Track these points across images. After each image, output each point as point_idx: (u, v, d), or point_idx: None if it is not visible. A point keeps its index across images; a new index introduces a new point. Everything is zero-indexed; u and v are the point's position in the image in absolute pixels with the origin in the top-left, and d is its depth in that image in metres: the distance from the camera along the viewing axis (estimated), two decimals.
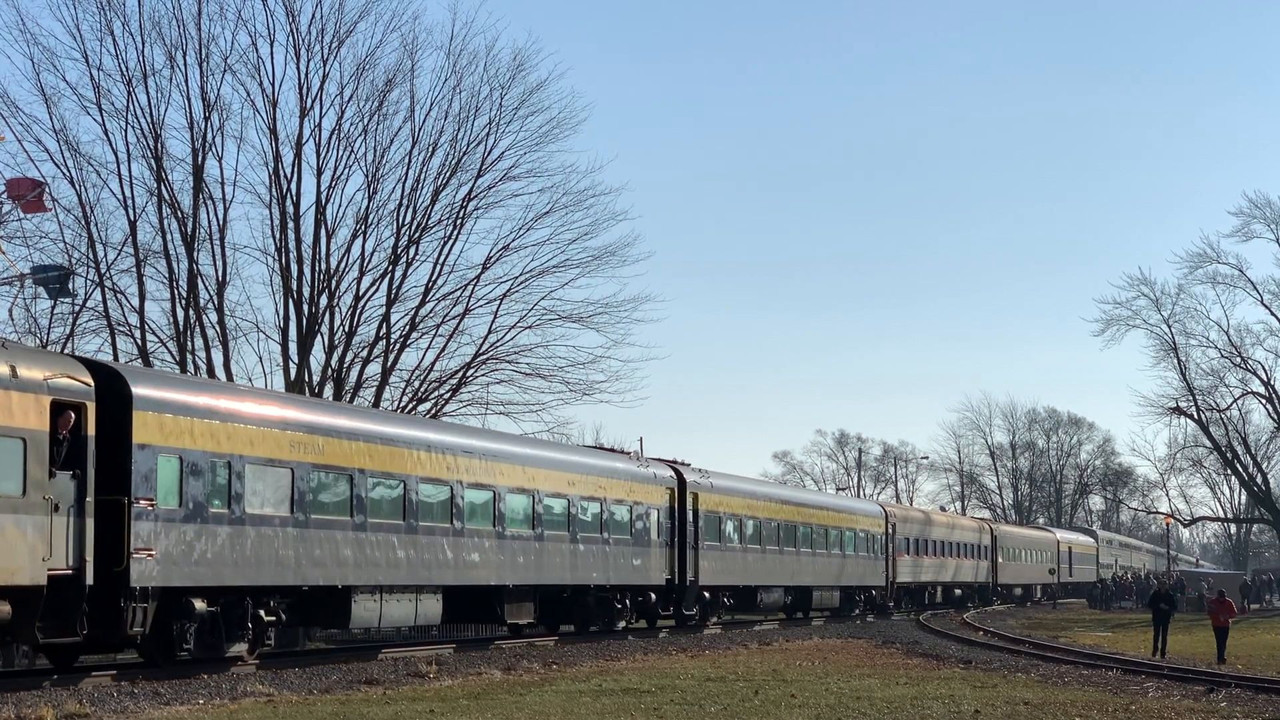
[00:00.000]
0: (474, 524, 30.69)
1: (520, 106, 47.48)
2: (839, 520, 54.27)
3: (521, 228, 48.01)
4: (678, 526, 40.16)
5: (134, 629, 22.28)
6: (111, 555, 21.83)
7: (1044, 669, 29.37)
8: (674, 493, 40.28)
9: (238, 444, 24.27)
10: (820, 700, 21.52)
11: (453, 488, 30.02)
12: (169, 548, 22.70)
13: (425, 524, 29.01)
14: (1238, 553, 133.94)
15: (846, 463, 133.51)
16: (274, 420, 25.36)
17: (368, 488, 27.31)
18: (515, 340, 48.12)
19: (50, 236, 42.07)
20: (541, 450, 35.36)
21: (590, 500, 35.57)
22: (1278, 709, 21.66)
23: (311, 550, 25.79)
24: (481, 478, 31.07)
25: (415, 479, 28.80)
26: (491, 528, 31.35)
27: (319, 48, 45.33)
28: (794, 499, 52.58)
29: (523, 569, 32.59)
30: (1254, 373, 77.56)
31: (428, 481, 29.25)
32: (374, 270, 46.46)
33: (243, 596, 24.60)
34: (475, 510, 30.80)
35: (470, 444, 31.46)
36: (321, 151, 45.56)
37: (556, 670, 26.79)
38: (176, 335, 44.05)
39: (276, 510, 25.09)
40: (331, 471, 26.46)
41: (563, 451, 37.14)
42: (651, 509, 38.76)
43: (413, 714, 19.05)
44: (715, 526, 42.52)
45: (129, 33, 43.27)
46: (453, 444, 30.63)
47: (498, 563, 31.50)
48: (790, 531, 48.80)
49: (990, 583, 77.10)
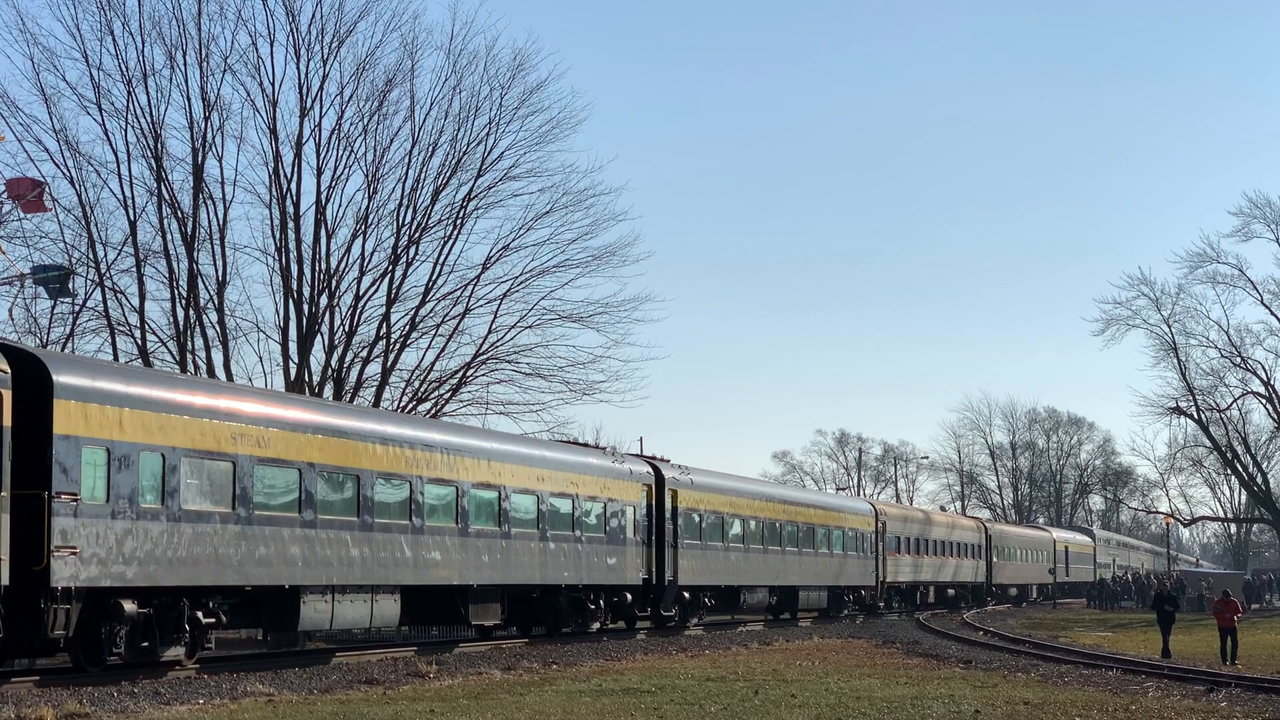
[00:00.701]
0: (435, 521, 29.36)
1: (520, 106, 47.53)
2: (827, 519, 53.00)
3: (521, 228, 48.08)
4: (655, 524, 38.94)
5: (56, 632, 20.95)
6: (31, 553, 20.47)
7: (1044, 669, 29.20)
8: (651, 490, 39.04)
9: (173, 436, 22.86)
10: (820, 700, 21.42)
11: (412, 483, 28.67)
12: (94, 545, 21.31)
13: (381, 521, 27.65)
14: (1238, 553, 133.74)
15: (846, 463, 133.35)
16: (213, 410, 23.96)
17: (318, 483, 25.90)
18: (515, 340, 48.16)
19: (50, 236, 42.30)
20: (508, 445, 33.77)
21: (561, 497, 34.24)
22: (1278, 709, 21.44)
23: (255, 549, 24.39)
24: (443, 473, 29.73)
25: (371, 474, 27.42)
26: (454, 525, 30.03)
27: (319, 47, 45.43)
28: (780, 496, 51.00)
29: (488, 568, 31.23)
30: (1254, 373, 77.42)
31: (385, 477, 27.87)
32: (374, 270, 46.55)
33: (179, 598, 23.17)
34: (436, 507, 29.48)
35: (431, 438, 30.08)
36: (321, 151, 45.63)
37: (556, 670, 26.65)
38: (176, 335, 43.99)
39: (216, 506, 23.67)
40: (277, 465, 25.05)
41: (532, 446, 35.51)
42: (627, 506, 37.42)
43: (413, 714, 18.90)
44: (695, 524, 41.39)
45: (129, 32, 43.38)
46: (411, 437, 29.25)
47: (460, 561, 30.13)
48: (775, 530, 47.58)
49: (986, 582, 76.22)
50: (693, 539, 41.04)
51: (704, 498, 42.07)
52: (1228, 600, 37.52)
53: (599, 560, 35.78)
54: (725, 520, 43.48)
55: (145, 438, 22.29)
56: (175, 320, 43.97)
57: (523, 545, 32.48)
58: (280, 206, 44.93)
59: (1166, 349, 76.70)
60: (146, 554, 22.18)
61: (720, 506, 43.22)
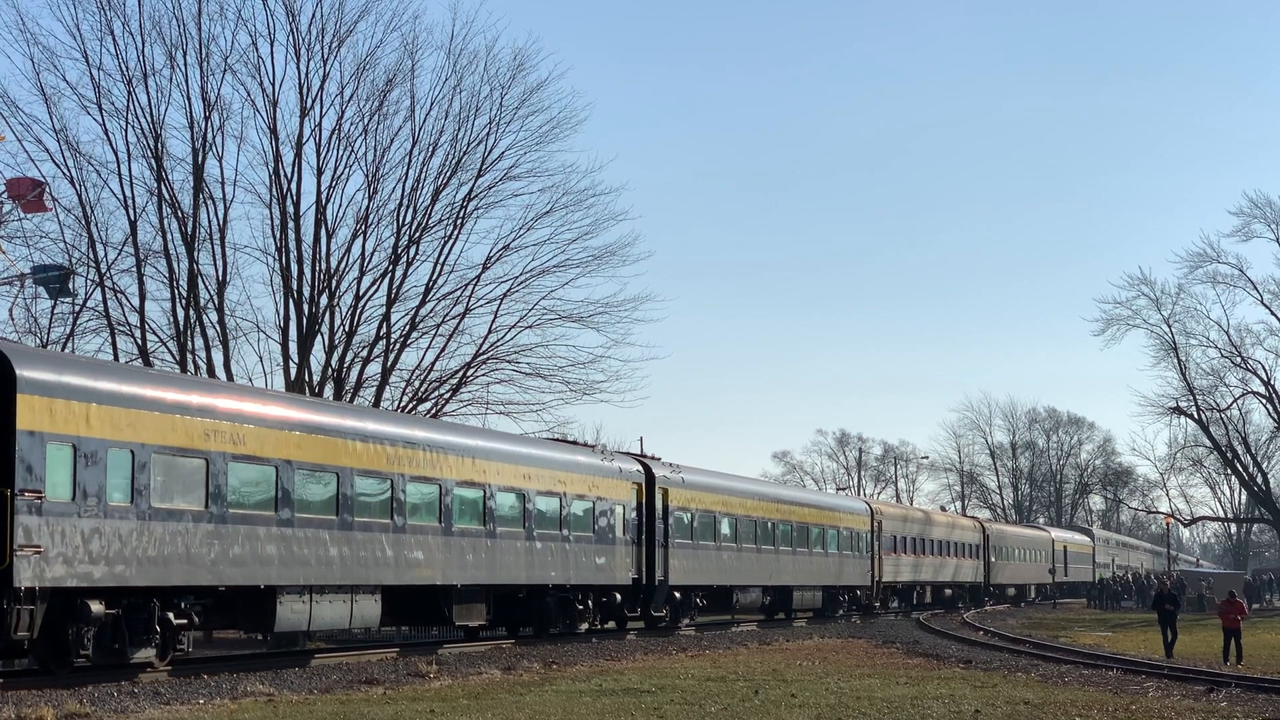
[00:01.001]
0: (417, 520, 28.76)
1: (520, 106, 47.63)
2: (821, 518, 52.04)
3: (521, 227, 48.13)
4: (646, 524, 38.14)
5: (20, 633, 20.37)
6: None
7: (1044, 669, 29.19)
8: (641, 488, 38.21)
9: (143, 432, 22.24)
10: (820, 700, 21.42)
11: (394, 481, 28.05)
12: (59, 545, 20.72)
13: (362, 520, 27.04)
14: (1238, 552, 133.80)
15: (847, 462, 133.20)
16: (185, 406, 23.34)
17: (295, 481, 25.29)
18: (515, 340, 48.19)
19: (50, 236, 42.42)
20: (494, 443, 33.04)
21: (548, 495, 33.53)
22: (1278, 709, 21.47)
23: (229, 548, 23.78)
24: (426, 471, 29.13)
25: (351, 471, 26.80)
26: (437, 524, 29.43)
27: (319, 47, 45.49)
28: (773, 495, 49.92)
29: (472, 568, 30.58)
30: (1254, 372, 77.32)
31: (365, 475, 27.25)
32: (374, 270, 46.60)
33: (149, 598, 22.58)
34: (419, 506, 28.87)
35: (413, 435, 29.46)
36: (321, 151, 45.72)
37: (557, 670, 26.67)
38: (177, 335, 44.03)
39: (188, 504, 23.05)
40: (252, 462, 24.43)
41: (518, 444, 34.70)
42: (616, 505, 36.62)
43: (413, 714, 18.90)
44: (687, 524, 40.57)
45: (129, 32, 43.47)
46: (393, 434, 28.63)
47: (444, 561, 29.51)
48: (769, 529, 46.72)
49: (984, 583, 75.41)
50: (684, 538, 40.28)
51: (695, 496, 41.31)
52: (1233, 601, 37.05)
53: (587, 560, 34.99)
54: (717, 519, 42.69)
55: (114, 434, 21.69)
56: (175, 320, 44.02)
57: (508, 545, 31.76)
58: (280, 206, 44.99)
59: (1166, 349, 76.78)
60: (115, 553, 21.58)
61: (712, 505, 42.44)
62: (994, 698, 22.02)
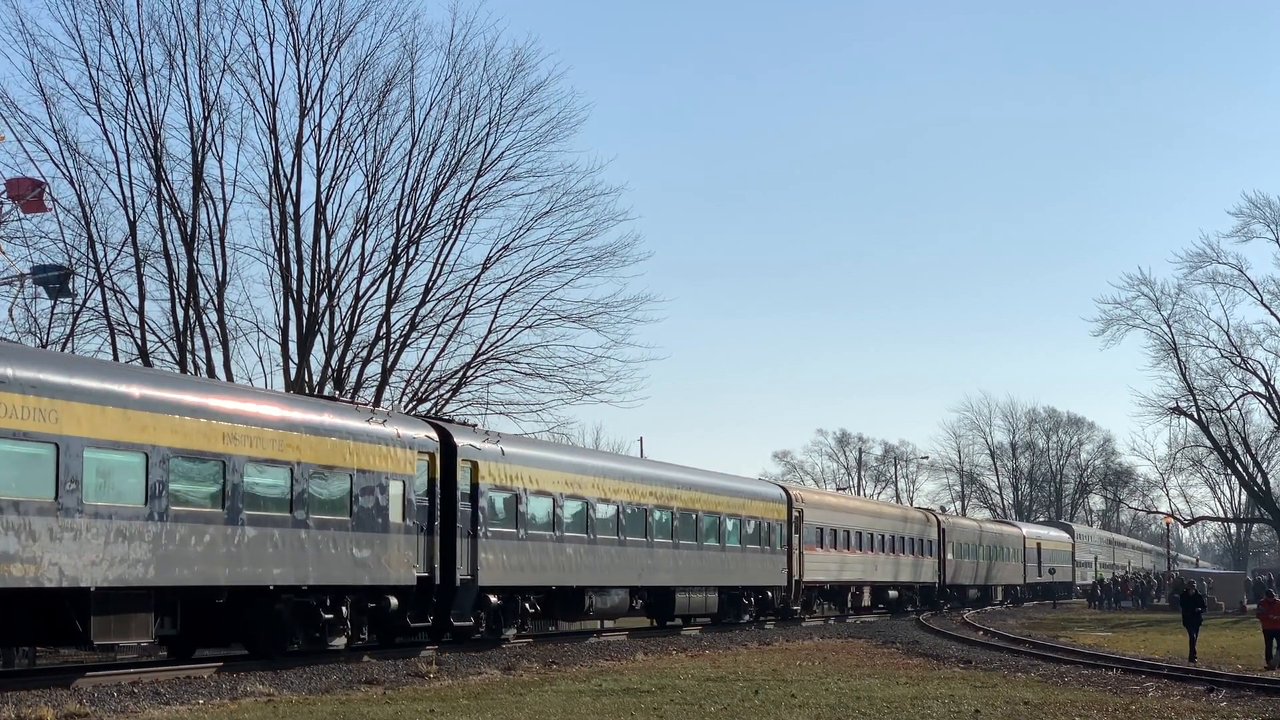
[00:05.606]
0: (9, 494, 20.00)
1: (520, 106, 47.61)
2: (717, 504, 43.59)
3: (521, 228, 48.06)
4: (442, 506, 30.14)
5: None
6: None
7: (1044, 669, 29.15)
8: (434, 459, 29.94)
9: None
10: (820, 700, 21.36)
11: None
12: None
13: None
14: (1238, 552, 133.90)
15: (847, 462, 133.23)
16: None
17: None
18: (515, 340, 48.14)
19: (50, 236, 42.38)
20: (162, 390, 23.30)
21: (270, 464, 24.89)
22: (1278, 709, 21.44)
23: None
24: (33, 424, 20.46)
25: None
26: (52, 500, 20.45)
27: (319, 47, 45.51)
28: (648, 476, 40.27)
29: (125, 564, 21.60)
30: (1254, 373, 77.62)
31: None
32: (374, 270, 46.59)
33: None
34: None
35: None
36: (321, 151, 45.72)
37: (556, 670, 26.49)
38: (176, 335, 44.05)
39: None
40: None
41: (211, 393, 24.95)
42: (391, 480, 28.22)
43: (413, 714, 18.91)
44: (511, 507, 32.38)
45: (128, 33, 43.44)
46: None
47: (73, 553, 20.66)
48: (638, 517, 38.42)
49: (939, 583, 67.52)
50: (504, 526, 32.07)
51: (524, 473, 33.05)
52: (1273, 601, 35.15)
53: (339, 552, 26.55)
54: (558, 502, 34.33)
55: None
56: (175, 320, 44.03)
57: (191, 530, 22.98)
58: (280, 206, 44.99)
59: (1166, 349, 77.00)
60: None
61: (552, 486, 34.16)
62: (994, 698, 22.04)
